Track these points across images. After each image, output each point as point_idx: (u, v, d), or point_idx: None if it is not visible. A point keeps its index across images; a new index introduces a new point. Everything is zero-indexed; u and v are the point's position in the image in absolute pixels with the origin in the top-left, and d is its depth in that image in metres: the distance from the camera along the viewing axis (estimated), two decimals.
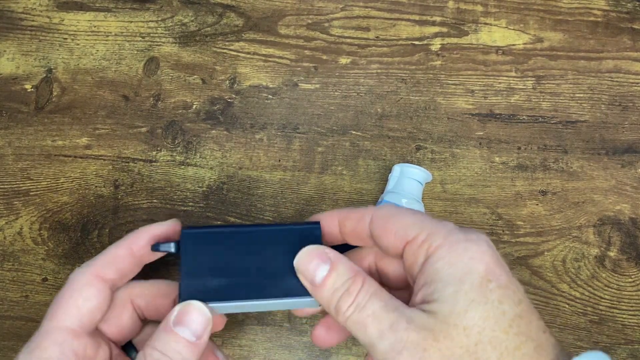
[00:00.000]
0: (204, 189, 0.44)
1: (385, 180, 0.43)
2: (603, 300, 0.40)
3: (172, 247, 0.29)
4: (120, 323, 0.29)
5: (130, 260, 0.28)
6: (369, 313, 0.24)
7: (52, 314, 0.26)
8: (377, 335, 0.24)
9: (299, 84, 0.47)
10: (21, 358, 0.25)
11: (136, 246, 0.28)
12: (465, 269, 0.24)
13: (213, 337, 0.39)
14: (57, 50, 0.49)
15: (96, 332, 0.28)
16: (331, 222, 0.29)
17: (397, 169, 0.42)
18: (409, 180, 0.41)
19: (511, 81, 0.47)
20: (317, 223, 0.29)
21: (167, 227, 0.29)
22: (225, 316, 0.31)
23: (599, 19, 0.49)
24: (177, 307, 0.26)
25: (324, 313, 0.32)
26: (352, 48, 0.48)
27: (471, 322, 0.23)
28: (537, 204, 0.43)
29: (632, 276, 0.41)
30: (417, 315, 0.24)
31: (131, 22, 0.50)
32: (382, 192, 0.43)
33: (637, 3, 0.50)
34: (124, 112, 0.46)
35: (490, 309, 0.23)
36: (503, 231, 0.42)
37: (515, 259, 0.41)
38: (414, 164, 0.43)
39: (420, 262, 0.25)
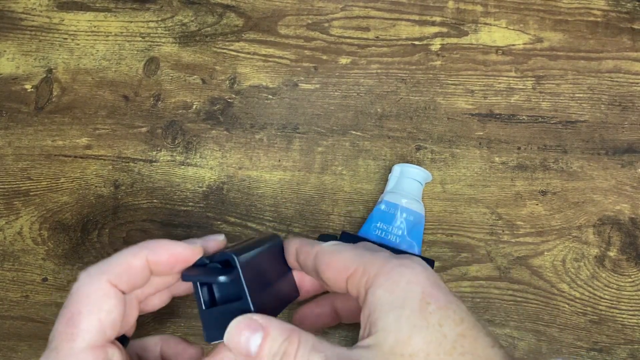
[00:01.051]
0: (204, 189, 0.44)
1: (385, 180, 0.44)
2: (603, 300, 0.40)
3: (222, 279, 0.27)
4: (130, 321, 0.28)
5: (145, 275, 0.26)
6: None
7: (70, 333, 0.24)
8: None
9: (299, 84, 0.47)
10: None
11: (154, 260, 0.26)
12: (403, 294, 0.24)
13: None
14: (57, 50, 0.49)
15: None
16: (291, 251, 0.31)
17: (397, 169, 0.42)
18: (409, 180, 0.41)
19: (511, 81, 0.47)
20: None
21: (190, 252, 0.27)
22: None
23: (599, 19, 0.49)
24: (262, 336, 0.25)
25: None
26: (352, 48, 0.48)
27: (416, 347, 0.23)
28: (537, 204, 0.43)
29: (632, 276, 0.41)
30: (361, 355, 0.24)
31: (131, 22, 0.50)
32: (382, 192, 0.43)
33: (637, 3, 0.50)
34: (124, 112, 0.46)
35: (432, 333, 0.23)
36: (503, 231, 0.42)
37: (515, 259, 0.41)
38: (414, 164, 0.43)
39: (362, 294, 0.26)
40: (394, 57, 0.48)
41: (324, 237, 0.39)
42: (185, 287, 0.30)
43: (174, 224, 0.42)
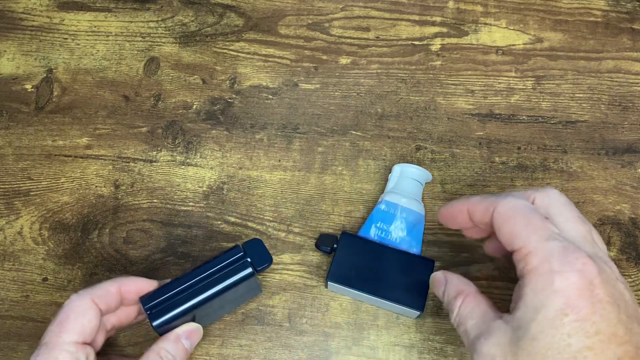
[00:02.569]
0: (204, 188, 0.44)
1: (385, 180, 0.44)
2: None
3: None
4: (100, 339, 0.34)
5: (117, 300, 0.34)
6: (462, 329, 0.31)
7: (59, 331, 0.31)
8: (467, 345, 0.30)
9: (299, 84, 0.47)
10: None
11: (124, 289, 0.34)
12: (544, 301, 0.27)
13: (212, 337, 0.39)
14: (58, 50, 0.49)
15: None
16: (461, 211, 0.33)
17: (397, 169, 0.42)
18: (408, 180, 0.41)
19: (511, 81, 0.47)
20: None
21: (149, 284, 0.35)
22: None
23: (599, 19, 0.49)
24: (185, 326, 0.34)
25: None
26: (352, 48, 0.48)
27: (536, 349, 0.26)
28: None
29: (632, 276, 0.41)
30: (499, 330, 0.28)
31: (131, 22, 0.50)
32: (382, 192, 0.43)
33: (637, 3, 0.50)
34: (125, 112, 0.46)
35: (556, 341, 0.26)
36: None
37: None
38: (414, 164, 0.43)
39: (519, 270, 0.29)
40: (394, 57, 0.48)
41: (324, 237, 0.40)
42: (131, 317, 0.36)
43: (174, 224, 0.43)
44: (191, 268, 0.36)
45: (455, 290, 0.32)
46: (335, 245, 0.39)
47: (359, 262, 0.38)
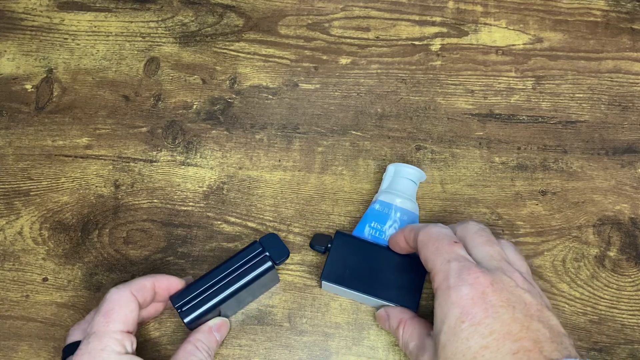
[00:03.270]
0: (204, 188, 0.44)
1: None
2: (603, 300, 0.40)
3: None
4: (157, 310, 0.38)
5: (151, 295, 0.36)
6: (408, 351, 0.36)
7: (106, 321, 0.33)
8: None
9: (299, 84, 0.47)
10: (83, 349, 0.32)
11: (159, 288, 0.36)
12: (446, 312, 0.31)
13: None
14: (58, 50, 0.49)
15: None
16: (400, 239, 0.37)
17: (391, 168, 0.42)
18: (403, 180, 0.41)
19: (511, 81, 0.47)
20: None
21: (179, 283, 0.37)
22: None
23: (599, 19, 0.49)
24: (215, 320, 0.37)
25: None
26: (352, 48, 0.48)
27: (447, 355, 0.30)
28: (537, 204, 0.43)
29: (632, 276, 0.41)
30: (428, 345, 0.33)
31: (132, 22, 0.50)
32: None
33: (637, 3, 0.50)
34: (125, 112, 0.46)
35: (458, 345, 0.30)
36: (503, 231, 0.42)
37: None
38: (414, 164, 0.43)
39: (434, 289, 0.33)
40: (394, 57, 0.48)
41: (318, 237, 0.40)
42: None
43: (174, 224, 0.43)
44: (214, 266, 0.37)
45: (396, 320, 0.37)
46: (329, 245, 0.39)
47: (353, 261, 0.38)
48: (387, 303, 0.38)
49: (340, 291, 0.39)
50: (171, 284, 0.36)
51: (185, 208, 0.43)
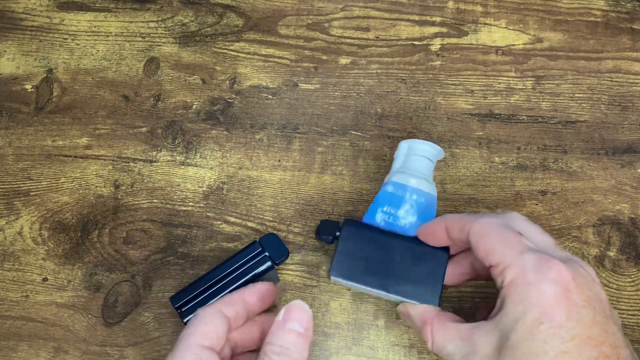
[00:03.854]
0: (204, 189, 0.44)
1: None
2: None
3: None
4: (252, 335, 0.34)
5: (242, 307, 0.33)
6: (445, 353, 0.31)
7: (188, 335, 0.30)
8: None
9: (299, 84, 0.47)
10: None
11: (249, 298, 0.33)
12: (522, 311, 0.28)
13: None
14: (58, 50, 0.49)
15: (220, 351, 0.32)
16: (439, 228, 0.34)
17: (403, 145, 0.38)
18: (418, 158, 0.37)
19: (511, 81, 0.47)
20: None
21: (270, 288, 0.35)
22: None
23: (599, 19, 0.49)
24: (283, 309, 0.31)
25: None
26: (352, 48, 0.48)
27: (517, 356, 0.27)
28: (537, 204, 0.43)
29: (632, 276, 0.41)
30: (481, 344, 0.29)
31: (131, 22, 0.50)
32: None
33: (637, 3, 0.50)
34: (124, 112, 0.46)
35: (534, 347, 0.27)
36: None
37: None
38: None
39: (498, 284, 0.30)
40: (394, 57, 0.48)
41: (326, 224, 0.37)
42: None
43: (174, 224, 0.43)
44: (213, 266, 0.37)
45: (419, 320, 0.33)
46: (337, 234, 0.36)
47: (365, 253, 0.35)
48: (405, 300, 0.35)
49: (350, 285, 0.36)
50: (260, 290, 0.34)
51: (185, 208, 0.43)
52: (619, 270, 0.41)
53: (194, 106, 0.46)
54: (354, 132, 0.46)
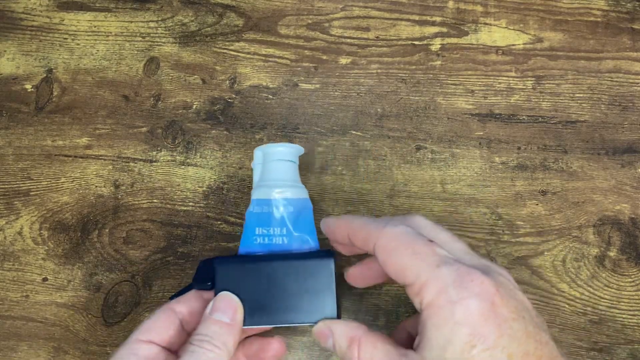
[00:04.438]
0: (204, 188, 0.44)
1: (385, 180, 0.44)
2: (603, 300, 0.40)
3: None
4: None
5: (200, 302, 0.32)
6: None
7: (132, 332, 0.30)
8: None
9: (299, 84, 0.47)
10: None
11: (207, 295, 0.32)
12: (449, 335, 0.25)
13: None
14: (58, 50, 0.49)
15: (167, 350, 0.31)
16: (341, 232, 0.31)
17: (258, 154, 0.35)
18: (276, 164, 0.34)
19: (511, 81, 0.47)
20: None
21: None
22: None
23: (599, 19, 0.49)
24: (212, 301, 0.31)
25: (361, 257, 0.34)
26: (352, 48, 0.48)
27: None
28: (537, 204, 0.43)
29: (632, 276, 0.41)
30: None
31: (131, 22, 0.50)
32: (382, 192, 0.43)
33: (637, 3, 0.50)
34: (124, 112, 0.46)
35: None
36: (503, 231, 0.42)
37: (515, 258, 0.41)
38: (414, 164, 0.43)
39: (418, 306, 0.27)
40: (394, 57, 0.48)
41: (203, 269, 0.33)
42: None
43: (174, 224, 0.43)
44: None
45: (345, 339, 0.29)
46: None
47: (248, 290, 0.31)
48: (307, 323, 0.31)
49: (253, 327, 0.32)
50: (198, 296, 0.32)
51: (185, 208, 0.43)
52: (619, 271, 0.41)
53: (194, 106, 0.46)
54: (354, 132, 0.46)
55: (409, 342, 0.31)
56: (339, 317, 0.31)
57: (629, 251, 0.41)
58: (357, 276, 0.34)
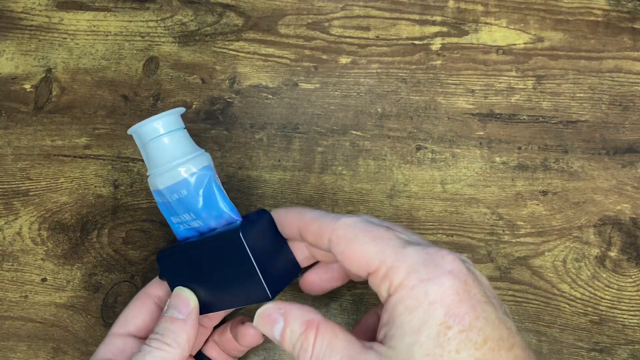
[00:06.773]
0: None
1: (385, 180, 0.43)
2: (603, 300, 0.40)
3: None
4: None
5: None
6: None
7: (112, 324, 0.33)
8: None
9: (299, 84, 0.47)
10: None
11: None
12: (424, 317, 0.23)
13: None
14: (57, 49, 0.49)
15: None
16: (291, 226, 0.29)
17: (135, 137, 0.31)
18: (153, 144, 0.30)
19: (511, 81, 0.47)
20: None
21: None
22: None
23: (600, 19, 0.49)
24: (168, 300, 0.31)
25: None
26: (352, 48, 0.48)
27: None
28: (538, 204, 0.43)
29: (633, 276, 0.41)
30: None
31: (131, 21, 0.49)
32: (382, 192, 0.43)
33: (638, 3, 0.50)
34: (124, 112, 0.46)
35: None
36: (503, 231, 0.42)
37: (516, 259, 0.41)
38: (414, 164, 0.42)
39: (383, 296, 0.25)
40: (394, 57, 0.48)
41: (163, 258, 0.33)
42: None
43: None
44: None
45: (300, 324, 0.25)
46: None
47: (190, 277, 0.30)
48: (252, 303, 0.29)
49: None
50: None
51: None
52: (620, 271, 0.41)
53: (194, 106, 0.46)
54: (354, 132, 0.45)
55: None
56: (273, 296, 0.28)
57: (629, 251, 0.41)
58: (314, 281, 0.32)
